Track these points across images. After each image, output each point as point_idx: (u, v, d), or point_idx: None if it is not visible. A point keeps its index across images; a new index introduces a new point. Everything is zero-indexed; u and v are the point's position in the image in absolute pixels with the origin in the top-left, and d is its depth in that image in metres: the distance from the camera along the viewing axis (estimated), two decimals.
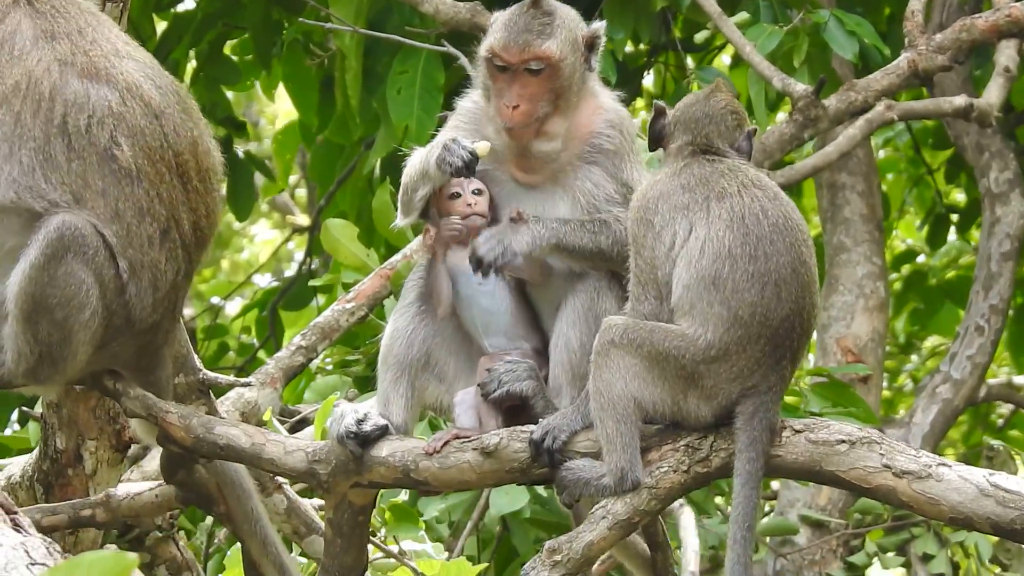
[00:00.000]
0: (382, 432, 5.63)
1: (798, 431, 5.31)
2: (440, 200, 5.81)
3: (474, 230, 5.73)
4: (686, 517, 6.97)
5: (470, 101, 5.93)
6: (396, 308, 5.84)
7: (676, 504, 7.09)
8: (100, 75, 5.60)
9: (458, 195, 5.77)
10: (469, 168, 5.63)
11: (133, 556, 3.17)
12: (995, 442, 11.90)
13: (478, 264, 5.57)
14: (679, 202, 5.38)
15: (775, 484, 11.97)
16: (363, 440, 5.59)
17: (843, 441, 5.25)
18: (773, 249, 5.29)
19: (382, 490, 6.11)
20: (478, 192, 5.78)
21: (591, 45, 5.82)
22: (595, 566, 6.91)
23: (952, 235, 13.95)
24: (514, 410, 5.65)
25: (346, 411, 5.65)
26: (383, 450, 5.61)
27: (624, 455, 5.30)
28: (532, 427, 5.48)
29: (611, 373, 5.32)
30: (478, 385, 5.68)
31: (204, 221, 5.77)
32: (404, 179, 5.90)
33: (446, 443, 5.55)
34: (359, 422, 5.60)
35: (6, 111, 5.53)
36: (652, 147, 5.68)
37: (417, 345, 5.77)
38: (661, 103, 5.65)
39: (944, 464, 5.19)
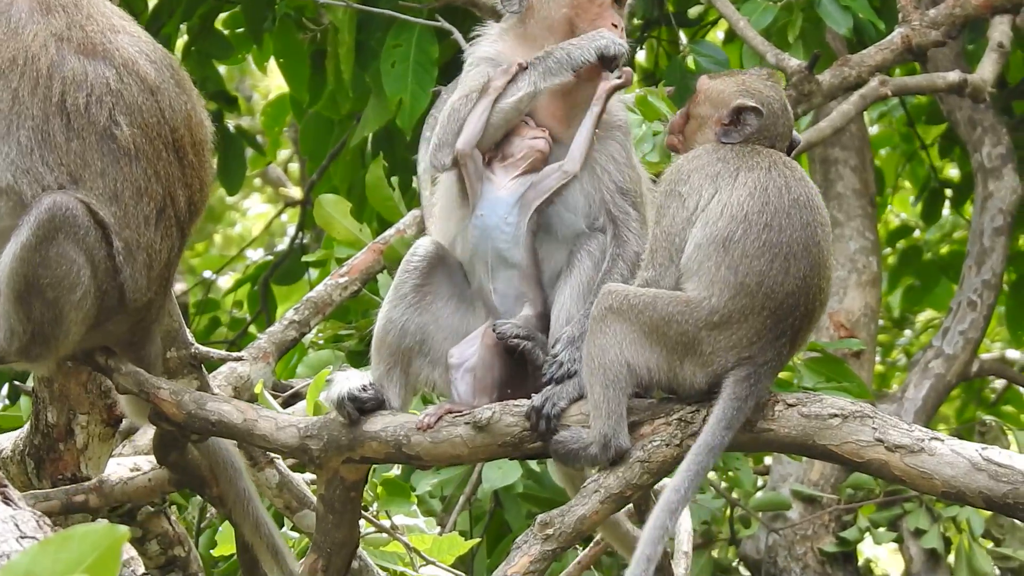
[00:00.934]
0: (378, 404, 5.62)
1: (791, 405, 5.29)
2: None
3: (537, 156, 5.74)
4: None
5: (485, 49, 5.87)
6: (389, 299, 5.78)
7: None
8: (97, 51, 5.54)
9: (527, 124, 5.79)
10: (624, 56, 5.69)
11: (124, 529, 3.16)
12: (988, 417, 11.93)
13: (536, 419, 5.44)
14: (711, 171, 5.39)
15: (767, 459, 11.98)
16: (360, 406, 5.59)
17: (835, 415, 5.23)
18: (789, 223, 5.28)
19: (374, 465, 6.10)
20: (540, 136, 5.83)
21: None
22: (586, 550, 6.91)
23: (946, 210, 13.94)
24: (508, 385, 5.64)
25: (351, 375, 5.64)
26: (375, 425, 5.59)
27: (608, 421, 5.28)
28: (525, 401, 5.46)
29: (605, 338, 5.30)
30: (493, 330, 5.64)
31: (198, 195, 5.73)
32: (457, 97, 5.78)
33: (439, 418, 5.53)
34: (363, 388, 5.60)
35: (3, 87, 5.46)
36: (735, 140, 5.54)
37: (410, 334, 5.74)
38: (757, 105, 5.52)
39: (937, 438, 5.18)
